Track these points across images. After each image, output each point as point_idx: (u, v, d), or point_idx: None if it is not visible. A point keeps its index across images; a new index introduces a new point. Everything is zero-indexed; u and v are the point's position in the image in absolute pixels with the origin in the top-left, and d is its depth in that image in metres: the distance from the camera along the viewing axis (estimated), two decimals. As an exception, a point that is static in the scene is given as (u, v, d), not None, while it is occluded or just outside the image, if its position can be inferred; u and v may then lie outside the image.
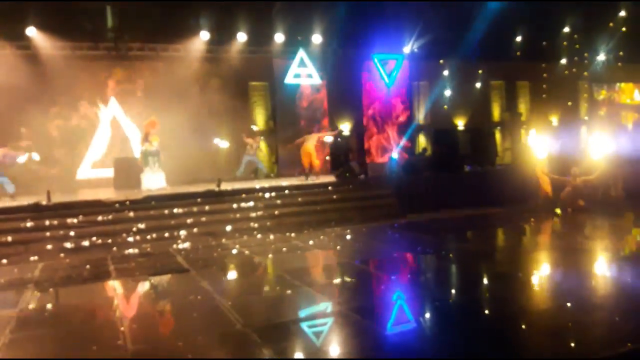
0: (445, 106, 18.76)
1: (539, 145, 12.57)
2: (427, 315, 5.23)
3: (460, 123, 19.09)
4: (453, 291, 6.16)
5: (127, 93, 14.73)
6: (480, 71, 18.92)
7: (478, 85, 19.20)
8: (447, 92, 18.64)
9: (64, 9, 13.23)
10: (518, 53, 18.68)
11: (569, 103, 20.79)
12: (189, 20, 14.71)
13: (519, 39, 18.53)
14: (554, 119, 20.30)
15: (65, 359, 4.39)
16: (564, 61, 20.08)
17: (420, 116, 18.75)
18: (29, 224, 9.34)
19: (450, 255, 7.96)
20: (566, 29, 19.25)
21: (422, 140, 18.57)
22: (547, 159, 12.41)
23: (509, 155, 19.18)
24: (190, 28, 14.73)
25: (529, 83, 20.37)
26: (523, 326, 4.70)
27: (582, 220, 10.47)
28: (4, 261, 8.33)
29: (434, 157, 16.85)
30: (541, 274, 6.72)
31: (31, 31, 13.23)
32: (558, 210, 11.20)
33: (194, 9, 14.51)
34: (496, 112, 20.11)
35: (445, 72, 18.35)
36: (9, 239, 8.90)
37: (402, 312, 5.37)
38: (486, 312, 5.27)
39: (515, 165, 15.98)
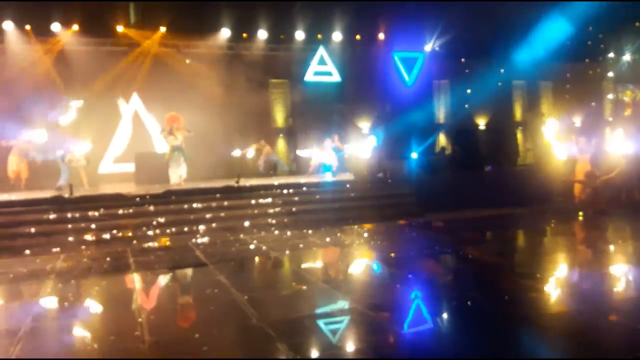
0: (466, 105, 18.59)
1: (560, 146, 12.39)
2: (444, 315, 5.20)
3: (481, 122, 18.91)
4: (471, 291, 6.10)
5: (149, 89, 14.89)
6: (502, 70, 18.70)
7: (500, 84, 18.98)
8: (468, 91, 18.46)
9: (88, 5, 13.44)
10: (541, 52, 18.41)
11: (593, 103, 20.45)
12: (211, 18, 14.82)
13: (542, 38, 18.26)
14: (577, 120, 19.98)
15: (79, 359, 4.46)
16: (588, 61, 19.75)
17: (441, 115, 18.61)
18: (51, 216, 9.54)
19: (469, 255, 7.89)
20: (590, 28, 18.91)
21: (442, 140, 18.44)
22: (573, 160, 12.23)
23: (531, 156, 18.94)
24: (212, 25, 14.84)
25: (552, 83, 20.08)
26: (541, 328, 4.64)
27: (603, 223, 10.29)
28: (27, 252, 8.51)
29: (454, 156, 16.73)
30: (560, 276, 6.63)
31: (56, 27, 13.45)
32: (580, 212, 11.04)
33: (216, 6, 14.61)
34: (518, 112, 19.87)
35: (467, 71, 18.17)
36: (33, 230, 9.09)
37: (418, 311, 5.34)
38: (503, 313, 5.21)
39: (536, 166, 15.78)
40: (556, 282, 6.28)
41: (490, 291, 5.87)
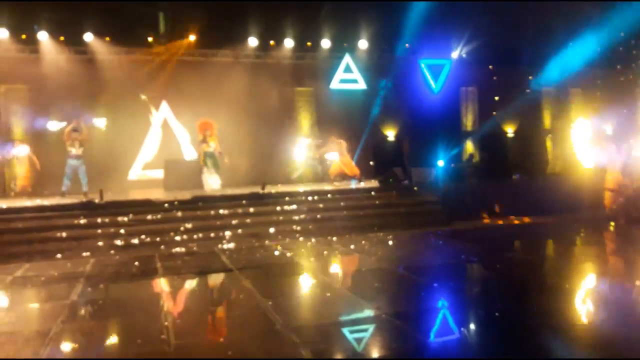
0: (494, 112, 18.37)
1: (589, 154, 12.15)
2: (470, 325, 5.14)
3: (510, 130, 18.66)
4: (497, 301, 6.00)
5: (178, 97, 15.12)
6: (530, 77, 18.45)
7: (528, 91, 18.72)
8: (496, 98, 18.25)
9: (119, 15, 13.77)
10: (571, 59, 18.08)
11: (625, 111, 19.95)
12: (239, 27, 15.02)
13: (571, 44, 17.97)
14: (608, 127, 19.52)
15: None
16: (620, 67, 19.30)
17: (468, 122, 18.44)
18: (82, 221, 9.74)
19: (496, 264, 7.76)
20: (622, 34, 18.51)
21: (469, 147, 18.24)
22: (603, 168, 11.98)
23: (560, 164, 18.59)
24: (239, 34, 15.04)
25: (582, 90, 19.69)
26: (571, 340, 4.55)
27: (635, 232, 10.04)
28: (58, 256, 8.72)
29: (481, 164, 16.55)
30: (589, 287, 6.49)
31: (88, 37, 13.81)
32: (611, 222, 10.79)
33: (244, 15, 14.81)
34: (547, 119, 19.52)
35: (494, 78, 17.98)
36: (64, 234, 9.31)
37: (443, 320, 5.29)
38: (530, 323, 5.11)
39: (566, 174, 15.49)
40: (586, 293, 6.15)
41: (518, 301, 5.76)
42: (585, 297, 5.94)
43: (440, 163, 14.93)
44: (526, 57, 16.83)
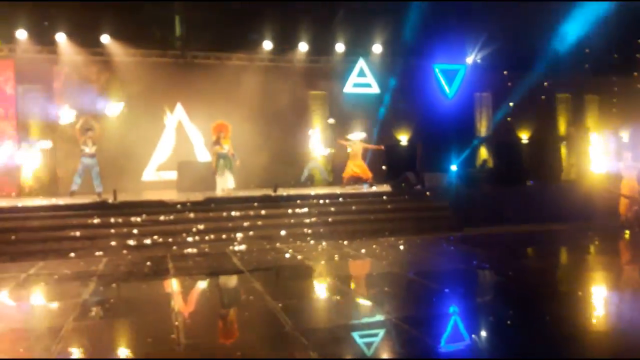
0: (509, 118, 18.26)
1: (604, 162, 12.02)
2: (480, 331, 5.11)
3: (524, 136, 18.53)
4: (508, 308, 5.95)
5: (192, 100, 15.22)
6: (545, 83, 18.31)
7: (543, 97, 18.57)
8: (511, 104, 18.14)
9: (136, 18, 13.93)
10: (587, 65, 17.93)
11: (642, 118, 19.72)
12: (253, 30, 15.11)
13: (588, 50, 17.82)
14: (625, 135, 19.31)
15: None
16: (637, 75, 19.08)
17: (482, 128, 18.35)
18: (95, 221, 9.84)
19: (508, 271, 7.69)
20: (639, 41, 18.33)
21: (483, 153, 18.14)
22: (619, 176, 11.84)
23: (575, 171, 18.41)
24: (254, 38, 15.12)
25: (598, 97, 19.50)
26: (579, 348, 4.50)
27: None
28: (72, 254, 8.81)
29: (495, 170, 16.44)
30: (602, 295, 6.42)
31: (105, 38, 13.97)
32: (626, 230, 10.66)
33: (258, 19, 14.89)
34: (562, 126, 19.36)
35: (509, 84, 17.87)
36: (77, 234, 9.41)
37: (453, 325, 5.27)
38: (543, 332, 5.07)
39: (580, 182, 15.33)
40: (599, 301, 6.09)
41: (530, 309, 5.70)
42: (599, 306, 5.87)
43: (454, 168, 14.86)
44: (541, 62, 16.69)
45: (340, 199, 11.67)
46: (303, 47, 15.59)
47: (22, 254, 8.71)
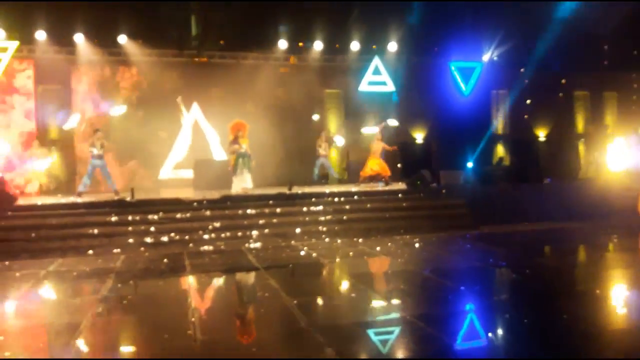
0: (526, 116, 18.09)
1: (623, 159, 11.83)
2: (497, 329, 5.08)
3: (541, 134, 18.34)
4: (525, 307, 5.90)
5: (208, 99, 15.35)
6: (563, 81, 18.10)
7: (561, 95, 18.37)
8: (528, 102, 17.97)
9: (153, 18, 14.06)
10: (605, 62, 17.68)
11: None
12: (269, 30, 15.15)
13: (606, 47, 17.58)
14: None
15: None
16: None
17: (499, 126, 18.21)
18: (113, 219, 9.96)
19: (524, 269, 7.61)
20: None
21: (499, 150, 18.00)
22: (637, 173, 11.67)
23: (593, 169, 18.17)
24: (269, 37, 15.17)
25: (617, 94, 19.23)
26: (597, 347, 4.46)
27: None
28: (90, 252, 8.93)
29: (511, 167, 16.29)
30: (620, 294, 6.34)
31: (122, 39, 14.13)
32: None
33: (274, 18, 14.94)
34: (580, 124, 19.13)
35: (526, 81, 17.71)
36: (95, 231, 9.54)
37: (468, 323, 5.24)
38: (558, 329, 5.02)
39: (599, 179, 15.14)
40: (617, 300, 6.01)
41: (546, 308, 5.63)
42: (617, 305, 5.80)
43: (469, 165, 14.76)
44: (558, 59, 16.51)
45: (355, 197, 11.66)
46: (318, 45, 15.60)
47: (41, 251, 8.85)
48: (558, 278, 6.96)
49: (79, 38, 13.83)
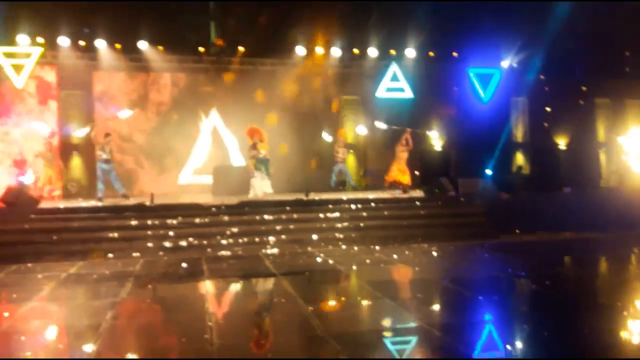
0: (546, 123, 17.90)
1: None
2: (514, 341, 5.01)
3: (561, 142, 18.13)
4: (545, 318, 5.81)
5: (227, 104, 15.49)
6: (584, 88, 17.87)
7: (582, 102, 18.15)
8: (548, 109, 17.78)
9: (172, 24, 14.26)
10: (627, 69, 17.42)
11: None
12: (287, 36, 15.25)
13: (627, 53, 17.32)
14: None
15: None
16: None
17: (518, 133, 18.04)
18: (133, 223, 10.09)
19: (544, 280, 7.50)
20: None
21: (519, 158, 17.83)
22: None
23: (615, 178, 17.90)
24: (287, 44, 15.27)
25: (639, 101, 18.93)
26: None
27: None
28: (110, 255, 9.05)
29: (531, 176, 16.14)
30: (643, 305, 6.21)
31: (143, 45, 14.33)
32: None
33: (292, 24, 15.04)
34: (601, 132, 18.86)
35: (546, 88, 17.53)
36: (116, 235, 9.66)
37: (486, 333, 5.19)
38: (579, 343, 4.94)
39: (621, 188, 14.90)
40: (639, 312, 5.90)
41: (566, 320, 5.55)
42: (637, 316, 5.69)
43: (489, 174, 14.64)
44: (579, 66, 16.32)
45: (372, 204, 11.64)
46: (336, 52, 15.64)
47: (63, 253, 8.99)
48: (579, 289, 6.86)
49: (100, 44, 14.07)
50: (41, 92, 14.17)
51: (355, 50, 15.97)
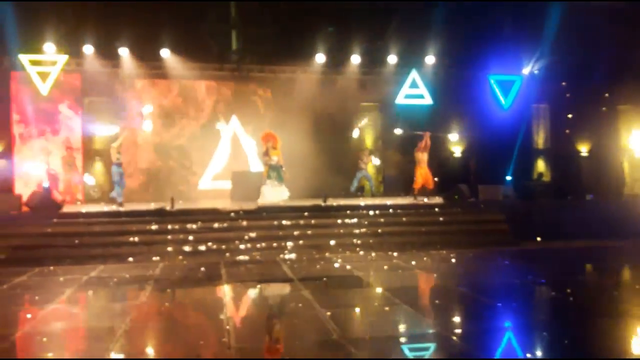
0: (567, 130, 17.66)
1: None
2: (533, 348, 4.95)
3: (583, 149, 17.86)
4: (563, 326, 5.74)
5: (247, 111, 15.61)
6: (607, 94, 17.61)
7: (604, 109, 17.87)
8: (569, 116, 17.55)
9: (194, 32, 14.44)
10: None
11: None
12: (307, 44, 15.32)
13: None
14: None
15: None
16: None
17: (539, 140, 17.83)
18: (153, 227, 10.21)
19: (565, 287, 7.38)
20: None
21: (540, 165, 17.61)
22: None
23: (639, 186, 17.56)
24: (307, 51, 15.34)
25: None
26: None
27: None
28: (130, 259, 9.17)
29: (552, 183, 15.93)
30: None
31: (165, 53, 14.54)
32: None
33: (311, 33, 15.10)
34: (624, 139, 18.53)
35: (568, 95, 17.31)
36: (136, 239, 9.79)
37: (505, 342, 5.14)
38: (599, 351, 4.86)
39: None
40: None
41: (586, 327, 5.47)
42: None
43: (509, 180, 14.49)
44: (601, 73, 16.08)
45: (391, 210, 11.61)
46: (355, 59, 15.67)
47: (84, 257, 9.14)
48: (600, 298, 6.74)
49: (123, 52, 14.30)
50: (65, 99, 14.44)
51: (375, 57, 15.94)
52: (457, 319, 5.78)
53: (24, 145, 14.08)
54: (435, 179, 15.59)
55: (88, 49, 14.03)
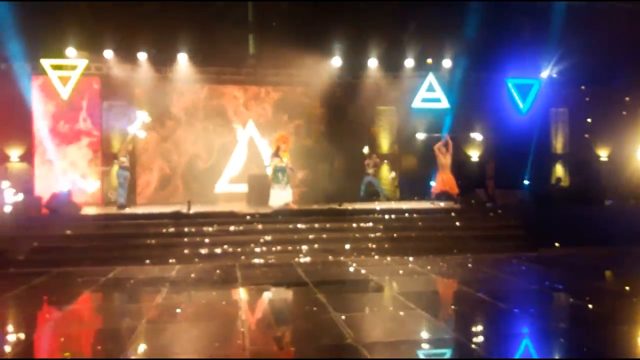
0: (586, 135, 17.44)
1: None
2: (551, 355, 4.89)
3: (603, 153, 17.62)
4: (581, 333, 5.65)
5: (263, 115, 15.70)
6: (627, 98, 17.36)
7: (624, 113, 17.61)
8: (589, 120, 17.33)
9: (211, 37, 14.56)
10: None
11: None
12: (324, 47, 15.35)
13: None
14: None
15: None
16: None
17: (558, 145, 17.63)
18: (170, 230, 10.30)
19: (583, 294, 7.27)
20: None
21: (558, 170, 17.40)
22: None
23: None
24: (324, 55, 15.37)
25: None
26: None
27: None
28: (147, 261, 9.25)
29: (571, 188, 15.73)
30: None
31: (182, 57, 14.68)
32: None
33: (328, 37, 15.14)
34: (646, 143, 18.24)
35: (587, 99, 17.10)
36: (153, 242, 9.89)
37: (522, 348, 5.08)
38: (616, 357, 4.78)
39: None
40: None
41: (605, 335, 5.38)
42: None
43: (527, 184, 14.34)
44: (621, 76, 15.86)
45: (406, 215, 11.56)
46: (372, 62, 15.67)
47: (102, 259, 9.25)
48: (619, 305, 6.63)
49: (142, 56, 14.47)
50: (85, 102, 14.64)
51: (391, 63, 15.92)
52: (472, 325, 5.72)
53: (44, 148, 14.30)
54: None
55: (107, 53, 14.24)
